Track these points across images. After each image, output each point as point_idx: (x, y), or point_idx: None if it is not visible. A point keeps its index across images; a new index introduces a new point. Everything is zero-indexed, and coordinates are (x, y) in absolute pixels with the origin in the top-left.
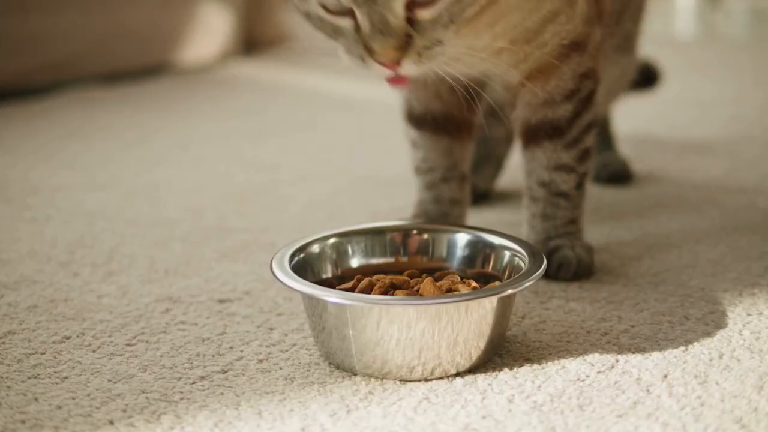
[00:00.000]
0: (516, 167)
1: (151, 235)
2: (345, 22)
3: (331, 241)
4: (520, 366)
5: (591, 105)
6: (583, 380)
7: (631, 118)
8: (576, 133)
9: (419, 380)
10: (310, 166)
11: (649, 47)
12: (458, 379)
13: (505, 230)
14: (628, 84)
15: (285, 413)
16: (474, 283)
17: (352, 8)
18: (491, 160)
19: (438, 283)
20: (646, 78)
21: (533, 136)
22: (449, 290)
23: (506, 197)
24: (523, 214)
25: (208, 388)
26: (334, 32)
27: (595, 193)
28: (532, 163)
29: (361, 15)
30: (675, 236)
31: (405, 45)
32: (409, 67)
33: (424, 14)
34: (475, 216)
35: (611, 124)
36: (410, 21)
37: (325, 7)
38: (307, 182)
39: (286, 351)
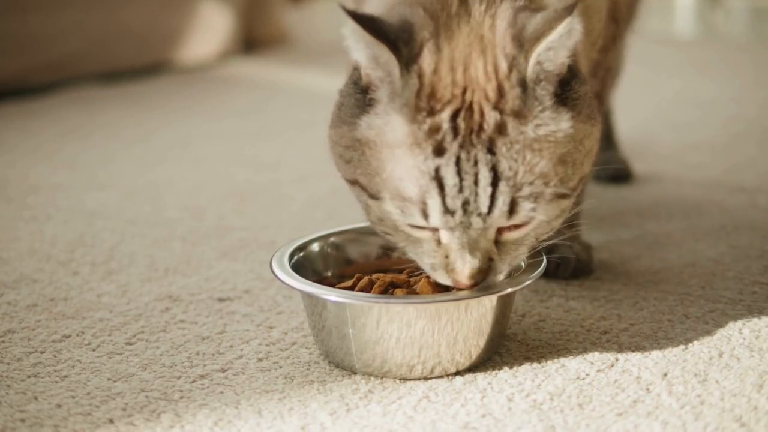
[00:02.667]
0: None
1: (150, 234)
2: (425, 235)
3: (331, 239)
4: (520, 364)
5: None
6: (583, 379)
7: (631, 117)
8: None
9: (419, 379)
10: (309, 165)
11: (649, 46)
12: (458, 378)
13: None
14: (618, 75)
15: (285, 412)
16: None
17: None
18: None
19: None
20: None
21: None
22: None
23: None
24: None
25: (207, 387)
26: (409, 241)
27: (595, 192)
28: None
29: (451, 237)
30: (675, 235)
31: (487, 267)
32: (485, 283)
33: (510, 236)
34: None
35: (613, 124)
36: (496, 241)
37: (410, 224)
38: (306, 181)
39: (286, 350)
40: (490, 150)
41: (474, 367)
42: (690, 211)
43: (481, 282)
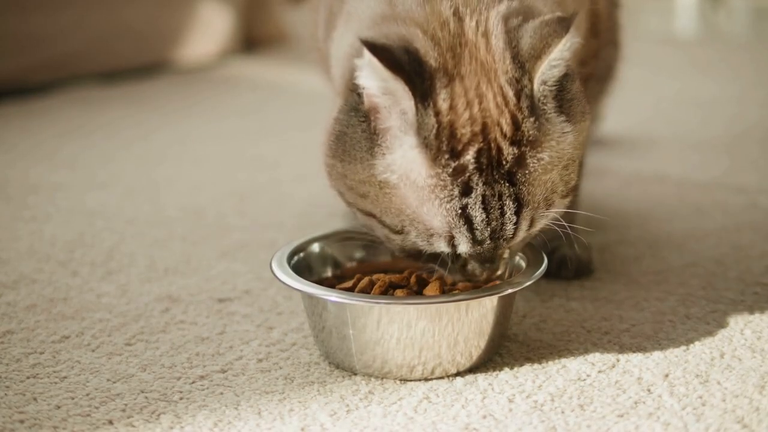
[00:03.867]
0: None
1: (150, 234)
2: (443, 246)
3: (331, 240)
4: (521, 365)
5: None
6: (584, 379)
7: (631, 117)
8: None
9: (419, 380)
10: (309, 164)
11: (650, 46)
12: (459, 379)
13: None
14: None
15: (285, 413)
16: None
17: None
18: None
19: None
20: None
21: None
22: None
23: None
24: None
25: (207, 388)
26: (428, 256)
27: (595, 191)
28: None
29: (475, 255)
30: (676, 235)
31: (495, 271)
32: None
33: (514, 245)
34: None
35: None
36: None
37: (438, 251)
38: (307, 181)
39: (286, 350)
40: (511, 182)
41: (475, 368)
42: (691, 211)
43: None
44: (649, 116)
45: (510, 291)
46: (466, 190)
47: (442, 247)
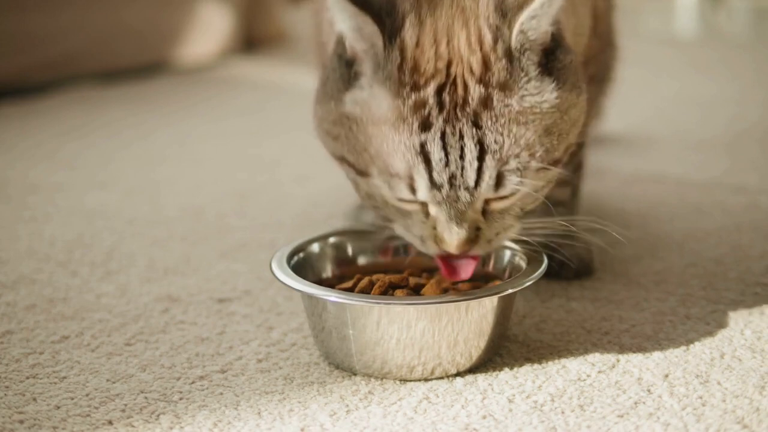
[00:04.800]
0: None
1: (150, 234)
2: (413, 207)
3: (331, 240)
4: (521, 366)
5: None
6: (584, 380)
7: (631, 117)
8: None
9: (419, 380)
10: (310, 164)
11: (650, 46)
12: (458, 379)
13: None
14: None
15: (284, 413)
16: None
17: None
18: None
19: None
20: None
21: None
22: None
23: None
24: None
25: (207, 388)
26: (398, 214)
27: (595, 191)
28: None
29: (438, 210)
30: (676, 235)
31: (475, 237)
32: (474, 253)
33: (497, 206)
34: None
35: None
36: (483, 211)
37: (399, 199)
38: (307, 181)
39: (286, 350)
40: (476, 123)
41: (474, 368)
42: (691, 211)
43: (470, 251)
44: (649, 116)
45: (510, 291)
46: (425, 125)
47: (402, 192)
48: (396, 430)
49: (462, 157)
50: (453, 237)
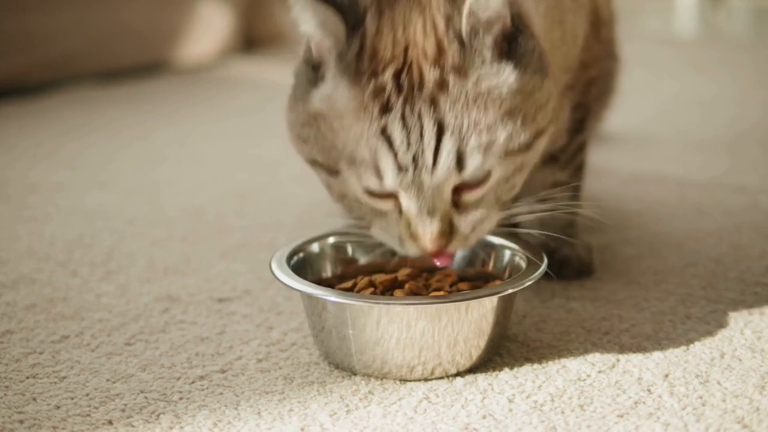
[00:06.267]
0: None
1: (150, 234)
2: (387, 205)
3: (331, 240)
4: (521, 365)
5: (583, 130)
6: (584, 380)
7: (631, 117)
8: (570, 155)
9: (419, 380)
10: None
11: (650, 46)
12: (458, 379)
13: (501, 234)
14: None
15: (284, 413)
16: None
17: (396, 192)
18: None
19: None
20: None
21: None
22: (436, 289)
23: None
24: (520, 222)
25: (207, 388)
26: (373, 214)
27: (595, 191)
28: (527, 182)
29: (408, 199)
30: (676, 235)
31: (450, 231)
32: (452, 249)
33: (469, 196)
34: None
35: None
36: (456, 204)
37: (368, 191)
38: (307, 181)
39: (286, 350)
40: (434, 105)
41: (474, 368)
42: (691, 211)
43: (446, 248)
44: (650, 116)
45: (510, 291)
46: (385, 109)
47: (370, 180)
48: (396, 430)
49: (422, 136)
50: (426, 230)
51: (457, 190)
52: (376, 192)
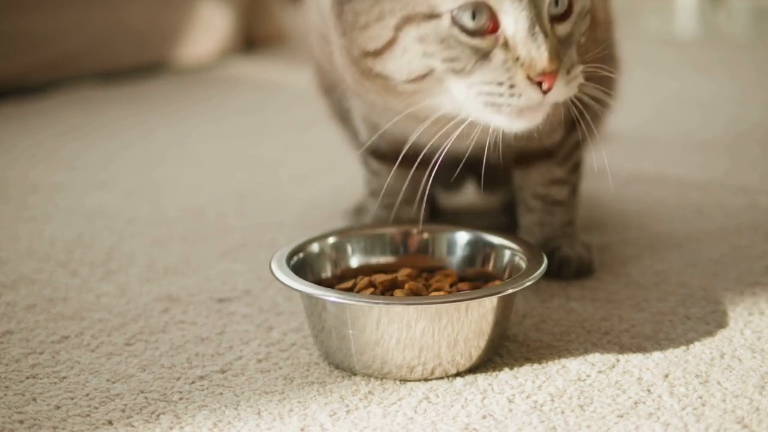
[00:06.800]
0: None
1: (150, 234)
2: (489, 43)
3: (331, 240)
4: (521, 366)
5: (580, 125)
6: (584, 380)
7: (631, 117)
8: (567, 151)
9: (419, 380)
10: (310, 164)
11: (650, 46)
12: (458, 379)
13: (501, 235)
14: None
15: (284, 413)
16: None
17: (497, 24)
18: None
19: (430, 281)
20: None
21: (526, 160)
22: (436, 290)
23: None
24: (519, 222)
25: (207, 388)
26: (476, 57)
27: (595, 191)
28: (525, 180)
29: (518, 12)
30: (676, 235)
31: (559, 51)
32: (558, 90)
33: (560, 29)
34: (472, 220)
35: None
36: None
37: (463, 28)
38: (307, 181)
39: (286, 350)
40: None
41: (474, 368)
42: (691, 211)
43: (559, 77)
44: (650, 116)
45: (510, 291)
46: None
47: (465, 19)
48: (396, 430)
49: None
50: (542, 47)
51: (551, 21)
52: (471, 27)
